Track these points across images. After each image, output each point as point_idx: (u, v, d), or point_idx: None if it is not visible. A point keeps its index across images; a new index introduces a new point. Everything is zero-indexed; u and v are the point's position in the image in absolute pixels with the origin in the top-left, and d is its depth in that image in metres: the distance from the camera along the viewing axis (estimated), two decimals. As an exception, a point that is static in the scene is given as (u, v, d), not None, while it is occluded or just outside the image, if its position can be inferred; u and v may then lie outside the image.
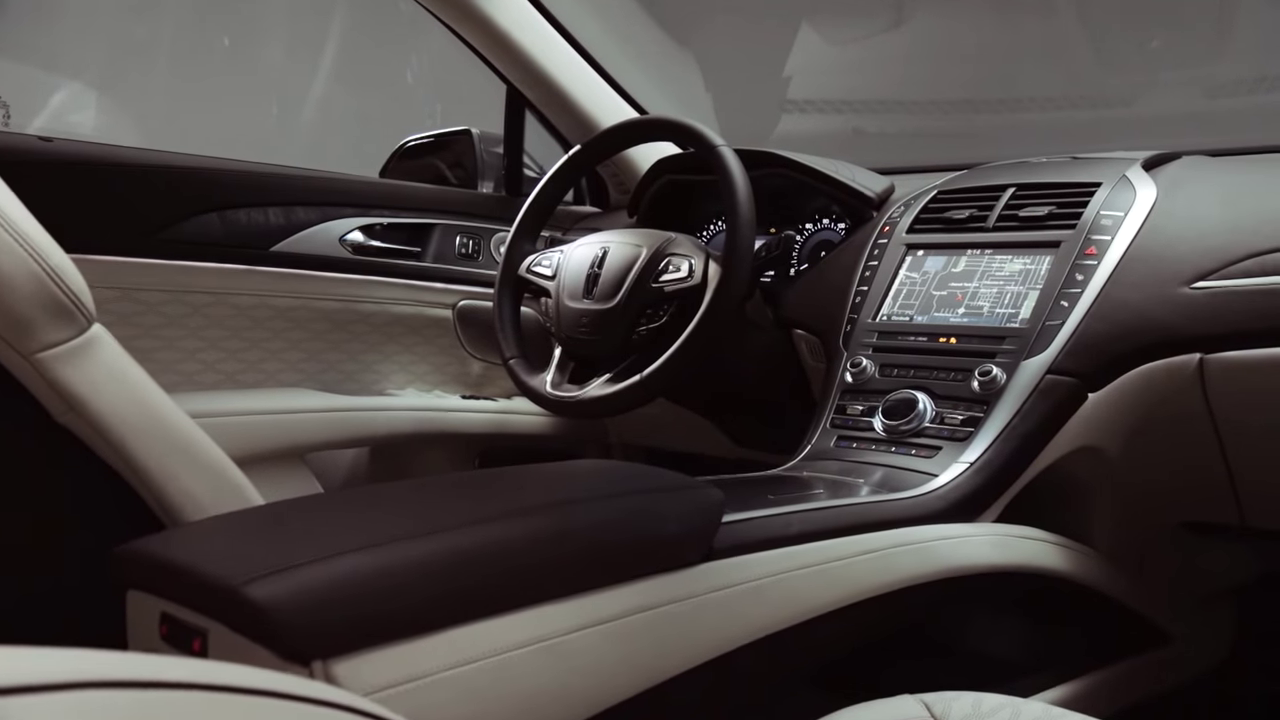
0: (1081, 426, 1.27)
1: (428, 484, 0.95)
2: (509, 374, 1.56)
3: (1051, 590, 1.28)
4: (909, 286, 1.46)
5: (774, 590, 0.97)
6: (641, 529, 0.90)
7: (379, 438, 1.78)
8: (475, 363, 1.95)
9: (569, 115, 1.92)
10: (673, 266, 1.43)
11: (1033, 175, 1.48)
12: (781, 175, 1.67)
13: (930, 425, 1.30)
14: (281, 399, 1.69)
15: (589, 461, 1.07)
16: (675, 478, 0.99)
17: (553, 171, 1.64)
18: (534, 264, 1.57)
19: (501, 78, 1.93)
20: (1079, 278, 1.30)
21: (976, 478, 1.22)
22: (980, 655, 1.31)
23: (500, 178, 2.04)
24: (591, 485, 0.95)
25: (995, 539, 1.20)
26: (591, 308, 1.46)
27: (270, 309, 1.70)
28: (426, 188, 1.96)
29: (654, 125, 1.60)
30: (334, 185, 1.80)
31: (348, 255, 1.77)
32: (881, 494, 1.17)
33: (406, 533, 0.78)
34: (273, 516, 0.86)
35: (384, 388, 1.85)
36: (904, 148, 2.24)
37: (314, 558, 0.73)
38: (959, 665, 1.28)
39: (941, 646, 1.28)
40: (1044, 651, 1.36)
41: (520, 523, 0.84)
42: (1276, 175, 1.37)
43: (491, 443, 1.93)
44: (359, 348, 1.82)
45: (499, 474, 1.02)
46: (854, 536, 1.06)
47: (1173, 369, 1.25)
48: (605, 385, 1.42)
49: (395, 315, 1.84)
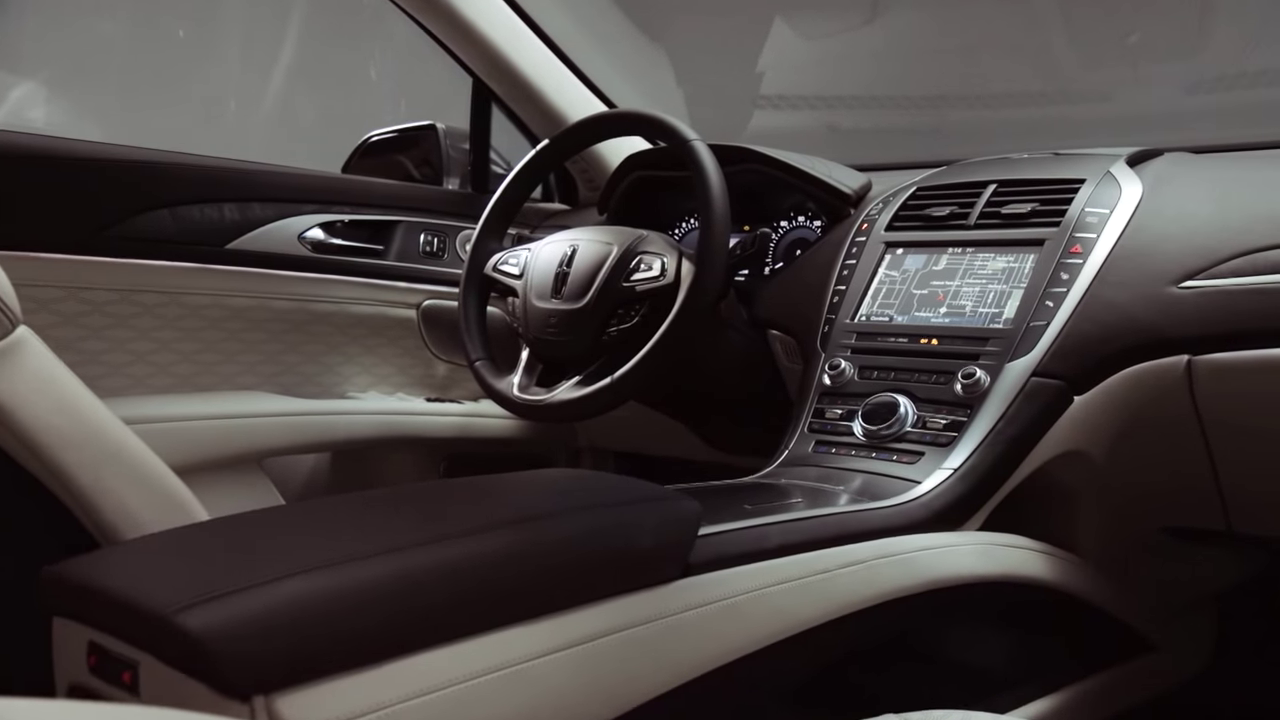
0: (1067, 431, 1.24)
1: (384, 497, 0.90)
2: (474, 376, 1.51)
3: (1036, 599, 1.24)
4: (888, 285, 1.41)
5: (753, 607, 0.92)
6: (613, 544, 0.85)
7: (340, 442, 1.72)
8: (440, 364, 1.90)
9: (536, 109, 1.88)
10: (644, 265, 1.39)
11: (1014, 171, 1.44)
12: (756, 171, 1.63)
13: (912, 430, 1.26)
14: (238, 403, 1.63)
15: (557, 471, 1.02)
16: (649, 489, 0.94)
17: (520, 167, 1.60)
18: (500, 262, 1.53)
19: (467, 70, 1.88)
20: (1064, 277, 1.27)
21: (960, 485, 1.18)
22: (964, 668, 1.27)
23: (466, 174, 1.99)
24: (560, 498, 0.90)
25: (980, 548, 1.16)
26: (560, 308, 1.41)
27: (225, 309, 1.64)
28: (390, 184, 1.91)
29: (625, 119, 1.56)
30: (293, 181, 1.74)
31: (307, 253, 1.71)
32: (863, 502, 1.13)
33: (359, 552, 0.73)
34: (215, 534, 0.80)
35: (345, 390, 1.79)
36: (879, 144, 2.20)
37: (256, 581, 0.67)
38: (943, 679, 1.24)
39: (925, 659, 1.24)
40: (1028, 662, 1.33)
41: (483, 540, 0.78)
42: (1264, 172, 1.34)
43: (457, 447, 1.88)
44: (319, 349, 1.76)
45: (461, 485, 0.97)
46: (835, 548, 1.01)
47: (1160, 371, 1.22)
48: (574, 388, 1.38)
49: (357, 315, 1.78)
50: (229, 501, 1.59)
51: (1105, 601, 1.33)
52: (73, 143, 1.54)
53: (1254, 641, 1.64)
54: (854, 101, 2.22)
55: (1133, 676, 1.41)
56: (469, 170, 1.98)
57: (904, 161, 1.74)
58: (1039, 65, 1.94)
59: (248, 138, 2.94)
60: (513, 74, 1.84)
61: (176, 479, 0.92)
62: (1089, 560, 1.30)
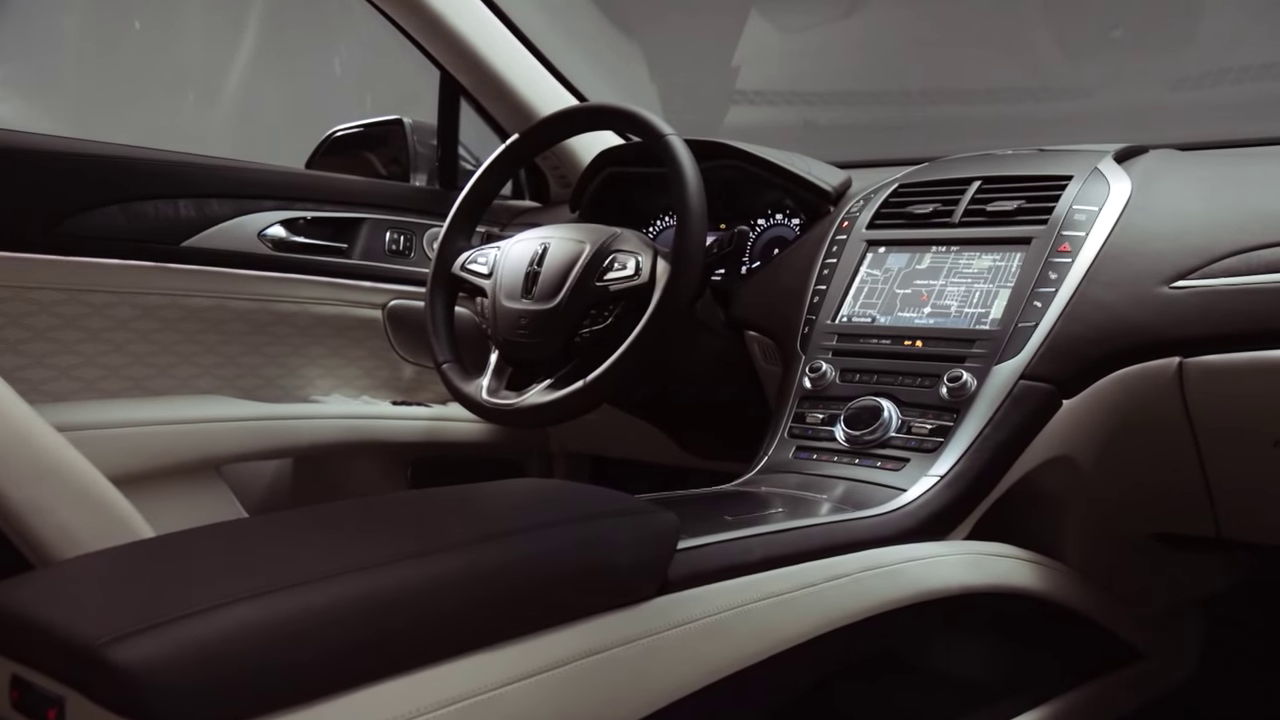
0: (1055, 436, 1.20)
1: (341, 511, 0.84)
2: (442, 379, 1.48)
3: (1024, 609, 1.21)
4: (870, 285, 1.37)
5: (736, 624, 0.87)
6: (587, 561, 0.80)
7: (302, 448, 1.67)
8: (407, 366, 1.85)
9: (506, 103, 1.83)
10: (618, 264, 1.35)
11: (999, 168, 1.41)
12: (733, 167, 1.59)
13: (896, 435, 1.21)
14: (194, 407, 1.57)
15: (527, 482, 0.97)
16: (624, 501, 0.89)
17: (489, 162, 1.55)
18: (469, 261, 1.49)
19: (434, 63, 1.83)
20: (1052, 276, 1.23)
21: (947, 492, 1.13)
22: (952, 680, 1.23)
23: (434, 170, 1.94)
24: (529, 511, 0.84)
25: (968, 558, 1.12)
26: (531, 308, 1.37)
27: (182, 309, 1.59)
28: (354, 180, 1.86)
29: (598, 113, 1.51)
30: (252, 176, 1.68)
31: (267, 251, 1.66)
32: (847, 511, 1.08)
33: (312, 574, 0.67)
34: (158, 554, 0.74)
35: (308, 394, 1.75)
36: (858, 141, 2.16)
37: (198, 608, 0.61)
38: (930, 693, 1.20)
39: (912, 673, 1.20)
40: (1017, 674, 1.29)
41: (447, 559, 0.73)
42: (1254, 169, 1.31)
43: (424, 452, 1.83)
44: (280, 351, 1.71)
45: (424, 498, 0.91)
46: (821, 561, 0.97)
47: (1150, 374, 1.18)
48: (545, 392, 1.34)
49: (320, 316, 1.73)
50: (186, 510, 1.54)
51: (1093, 610, 1.29)
52: (17, 134, 1.48)
53: (1240, 647, 1.61)
54: (832, 97, 2.18)
55: (1121, 686, 1.38)
56: (437, 166, 1.94)
57: (883, 158, 1.70)
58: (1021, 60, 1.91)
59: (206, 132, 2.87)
60: (481, 67, 1.79)
61: (117, 492, 0.86)
62: (1075, 567, 1.27)
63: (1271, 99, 1.63)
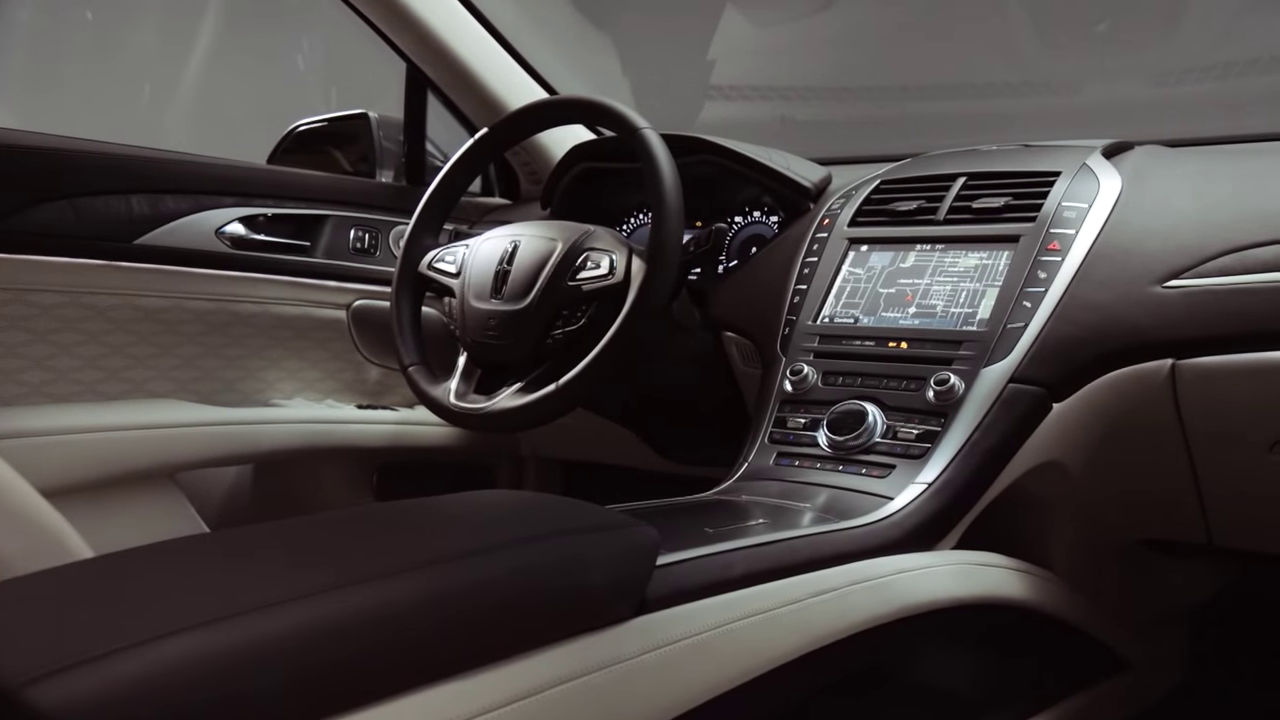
0: (1045, 440, 1.16)
1: (294, 528, 0.78)
2: (408, 383, 1.42)
3: (1013, 620, 1.17)
4: (853, 284, 1.33)
5: (719, 644, 0.82)
6: (559, 582, 0.74)
7: (263, 454, 1.61)
8: (372, 369, 1.80)
9: (475, 97, 1.79)
10: (591, 263, 1.30)
11: (984, 164, 1.37)
12: (709, 163, 1.55)
13: (881, 440, 1.17)
14: (149, 412, 1.51)
15: (495, 494, 0.91)
16: (599, 514, 0.84)
17: (457, 157, 1.50)
18: (436, 260, 1.43)
19: (401, 55, 1.78)
20: (1042, 275, 1.19)
21: (935, 500, 1.09)
22: (940, 694, 1.19)
23: (400, 166, 1.89)
24: (496, 528, 0.79)
25: (957, 569, 1.08)
26: (500, 309, 1.32)
27: (135, 310, 1.52)
28: (317, 175, 1.80)
29: (570, 106, 1.46)
30: (210, 171, 1.62)
31: (226, 249, 1.60)
32: (831, 522, 1.03)
33: (258, 600, 0.61)
34: (91, 578, 0.68)
35: (268, 398, 1.69)
36: (835, 137, 2.12)
37: (129, 642, 0.55)
38: (917, 707, 1.16)
39: (898, 687, 1.15)
40: (1004, 686, 1.25)
41: (407, 581, 0.67)
42: (1245, 166, 1.28)
43: (390, 457, 1.77)
44: (239, 353, 1.65)
45: (385, 513, 0.85)
46: (806, 575, 0.92)
47: (1142, 376, 1.15)
48: (516, 395, 1.29)
49: (281, 317, 1.68)
50: (139, 521, 1.47)
51: (1081, 620, 1.26)
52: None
53: (1226, 656, 1.58)
54: (809, 92, 2.14)
55: (1109, 696, 1.34)
56: (403, 162, 1.88)
57: (862, 155, 1.66)
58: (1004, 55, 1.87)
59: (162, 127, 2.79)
60: (449, 59, 1.74)
61: (50, 508, 0.80)
62: (1062, 575, 1.23)
63: (1258, 95, 1.60)
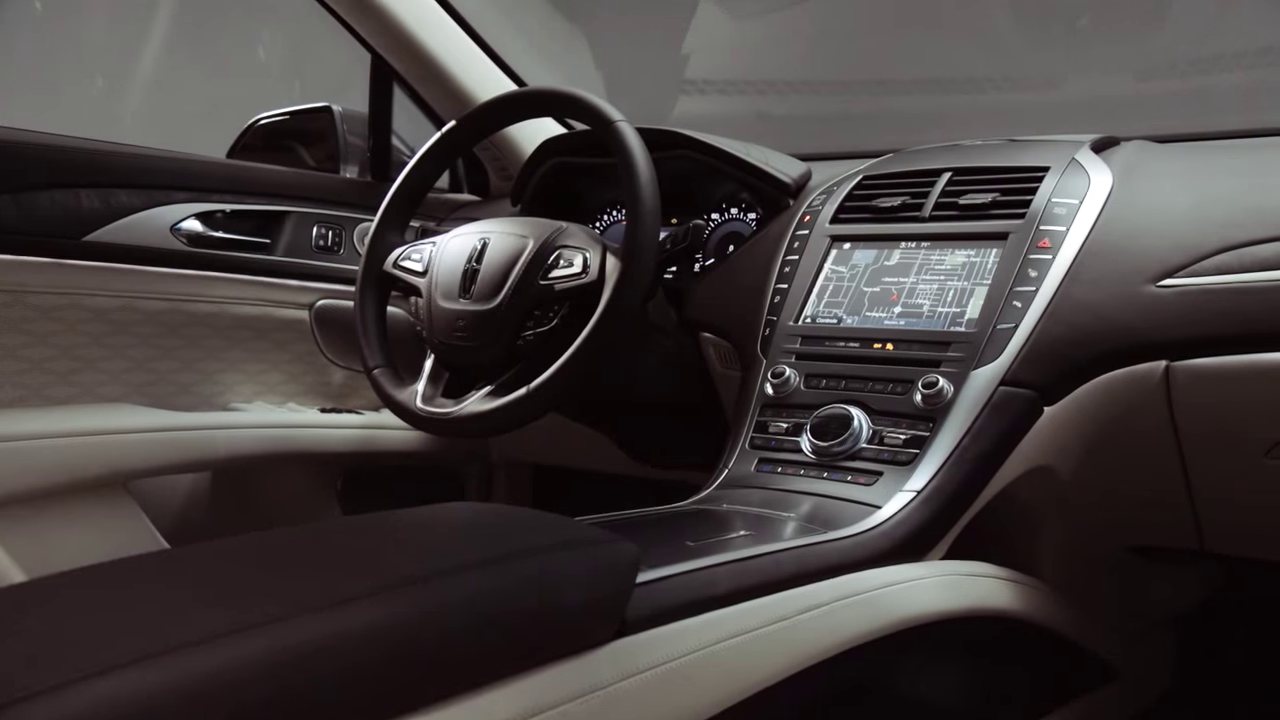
0: (1036, 445, 1.12)
1: (241, 548, 0.72)
2: (373, 386, 1.36)
3: (1003, 631, 1.13)
4: (835, 283, 1.28)
5: (703, 667, 0.77)
6: (533, 603, 0.69)
7: (221, 460, 1.54)
8: (336, 371, 1.73)
9: (442, 89, 1.73)
10: (564, 261, 1.25)
11: (970, 159, 1.32)
12: (685, 158, 1.50)
13: (867, 446, 1.12)
14: (100, 417, 1.44)
15: (463, 508, 0.86)
16: (574, 529, 0.78)
17: (424, 151, 1.44)
18: (402, 258, 1.38)
19: (365, 46, 1.71)
20: (1032, 274, 1.15)
21: (925, 509, 1.04)
22: (929, 708, 1.14)
23: (365, 161, 1.83)
24: (465, 545, 0.73)
25: (947, 580, 1.03)
26: (469, 309, 1.27)
27: (85, 310, 1.46)
28: (278, 170, 1.74)
29: (541, 98, 1.40)
30: (164, 165, 1.55)
31: (182, 247, 1.54)
32: (817, 532, 0.98)
33: (198, 634, 0.55)
34: (16, 608, 0.62)
35: (227, 401, 1.62)
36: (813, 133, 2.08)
37: (55, 682, 0.50)
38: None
39: (886, 702, 1.10)
40: (992, 698, 1.21)
41: (366, 609, 0.62)
42: (1237, 161, 1.25)
43: (355, 463, 1.71)
44: (196, 355, 1.59)
45: (342, 529, 0.80)
46: (793, 590, 0.87)
47: (1135, 378, 1.11)
48: (485, 399, 1.23)
49: (240, 317, 1.61)
50: (89, 530, 1.40)
51: (1071, 629, 1.22)
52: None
53: (1213, 662, 1.55)
54: (786, 87, 2.09)
55: (1099, 707, 1.31)
56: (368, 157, 1.82)
57: (841, 151, 1.61)
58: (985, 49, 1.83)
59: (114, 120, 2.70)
60: (416, 50, 1.68)
61: None
62: (1050, 583, 1.19)
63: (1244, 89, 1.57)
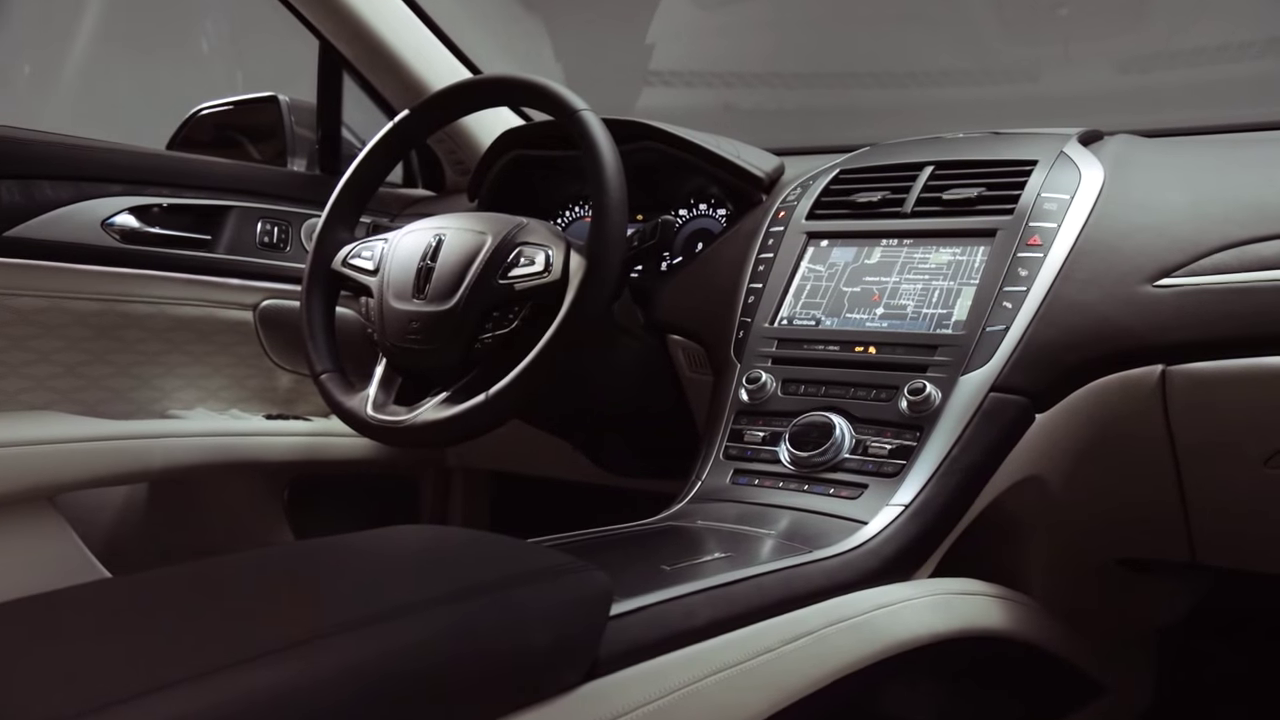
0: (1026, 455, 1.06)
1: (176, 581, 0.64)
2: (320, 392, 1.29)
3: (994, 652, 1.06)
4: (813, 282, 1.21)
5: (684, 709, 0.70)
6: (496, 644, 0.61)
7: (158, 471, 1.45)
8: (283, 375, 1.65)
9: (395, 77, 1.65)
10: (525, 258, 1.18)
11: (952, 152, 1.26)
12: (651, 150, 1.43)
13: (850, 457, 1.05)
14: (24, 426, 1.35)
15: (418, 534, 0.77)
16: (539, 557, 0.71)
17: (375, 141, 1.37)
18: (352, 255, 1.30)
19: (313, 31, 1.63)
20: (1022, 273, 1.09)
21: (914, 524, 0.98)
22: None
23: (314, 154, 1.74)
24: (421, 578, 0.65)
25: (937, 600, 0.97)
26: (423, 310, 1.19)
27: (7, 311, 1.37)
28: (220, 162, 1.66)
29: (500, 86, 1.33)
30: (96, 155, 1.47)
31: (115, 244, 1.46)
32: (800, 552, 0.91)
33: (114, 692, 0.47)
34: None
35: (165, 408, 1.54)
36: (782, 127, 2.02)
37: None
38: None
39: None
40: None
41: (304, 656, 0.54)
42: (1234, 155, 1.19)
43: (304, 472, 1.63)
44: (131, 359, 1.50)
45: (286, 559, 0.71)
46: (779, 618, 0.80)
47: (1130, 383, 1.06)
48: (441, 406, 1.17)
49: (179, 318, 1.53)
50: (12, 551, 1.30)
51: (1059, 646, 1.17)
52: None
53: (1196, 676, 1.51)
54: (754, 79, 2.03)
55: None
56: (317, 149, 1.74)
57: (812, 145, 1.55)
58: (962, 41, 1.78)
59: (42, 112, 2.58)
60: (366, 36, 1.60)
61: None
62: (1037, 597, 1.13)
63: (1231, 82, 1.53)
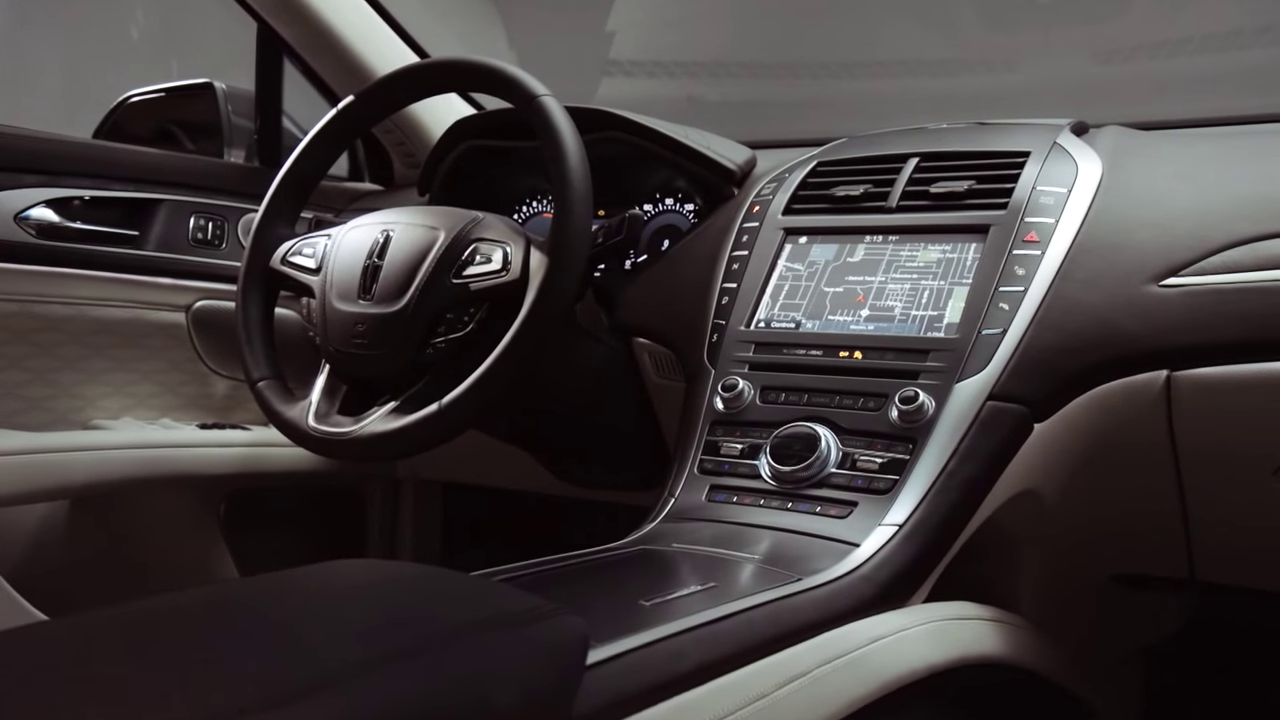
0: (1024, 467, 1.00)
1: (91, 632, 0.54)
2: (257, 401, 1.20)
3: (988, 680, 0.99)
4: (791, 282, 1.13)
5: (669, 771, 0.61)
6: (459, 706, 0.52)
7: (79, 487, 1.36)
8: (219, 381, 1.57)
9: (339, 62, 1.57)
10: (480, 256, 1.11)
11: (937, 143, 1.20)
12: (615, 141, 1.35)
13: (838, 471, 0.98)
14: (-72, 439, 1.24)
15: (369, 571, 0.68)
16: (505, 599, 0.62)
17: (317, 130, 1.28)
18: (292, 253, 1.22)
19: (250, 11, 1.54)
20: (1019, 272, 1.02)
21: (909, 545, 0.90)
22: None
23: (253, 144, 1.64)
24: (375, 627, 0.56)
25: (934, 628, 0.89)
26: (370, 311, 1.11)
27: (-90, 314, 1.25)
28: (149, 152, 1.58)
29: (452, 70, 1.24)
30: (8, 143, 1.39)
31: (30, 239, 1.38)
32: (788, 579, 0.83)
33: None
34: None
35: (88, 418, 1.46)
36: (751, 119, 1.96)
37: None
38: None
39: None
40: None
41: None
42: (1234, 148, 1.14)
43: (241, 484, 1.54)
44: (49, 365, 1.41)
45: (217, 606, 0.61)
46: (769, 659, 0.72)
47: (1133, 390, 0.99)
48: (389, 417, 1.09)
49: (104, 321, 1.45)
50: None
51: (1051, 669, 1.10)
52: None
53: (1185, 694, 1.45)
54: (720, 69, 1.97)
55: None
56: (255, 140, 1.65)
57: (783, 139, 1.48)
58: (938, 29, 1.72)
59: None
60: (308, 17, 1.53)
61: None
62: (1028, 617, 1.07)
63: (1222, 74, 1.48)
